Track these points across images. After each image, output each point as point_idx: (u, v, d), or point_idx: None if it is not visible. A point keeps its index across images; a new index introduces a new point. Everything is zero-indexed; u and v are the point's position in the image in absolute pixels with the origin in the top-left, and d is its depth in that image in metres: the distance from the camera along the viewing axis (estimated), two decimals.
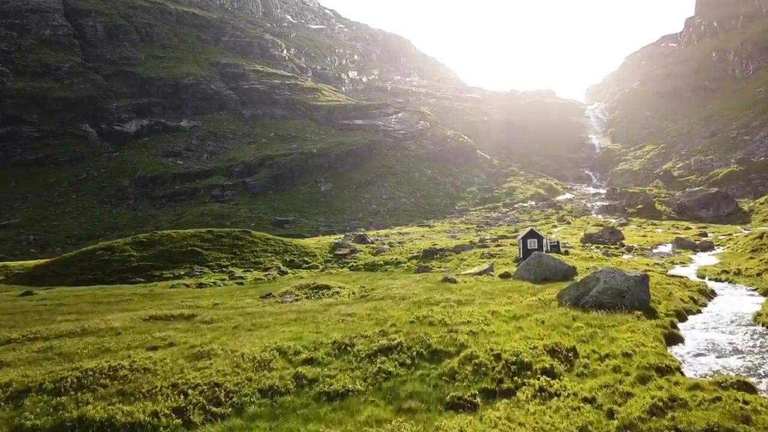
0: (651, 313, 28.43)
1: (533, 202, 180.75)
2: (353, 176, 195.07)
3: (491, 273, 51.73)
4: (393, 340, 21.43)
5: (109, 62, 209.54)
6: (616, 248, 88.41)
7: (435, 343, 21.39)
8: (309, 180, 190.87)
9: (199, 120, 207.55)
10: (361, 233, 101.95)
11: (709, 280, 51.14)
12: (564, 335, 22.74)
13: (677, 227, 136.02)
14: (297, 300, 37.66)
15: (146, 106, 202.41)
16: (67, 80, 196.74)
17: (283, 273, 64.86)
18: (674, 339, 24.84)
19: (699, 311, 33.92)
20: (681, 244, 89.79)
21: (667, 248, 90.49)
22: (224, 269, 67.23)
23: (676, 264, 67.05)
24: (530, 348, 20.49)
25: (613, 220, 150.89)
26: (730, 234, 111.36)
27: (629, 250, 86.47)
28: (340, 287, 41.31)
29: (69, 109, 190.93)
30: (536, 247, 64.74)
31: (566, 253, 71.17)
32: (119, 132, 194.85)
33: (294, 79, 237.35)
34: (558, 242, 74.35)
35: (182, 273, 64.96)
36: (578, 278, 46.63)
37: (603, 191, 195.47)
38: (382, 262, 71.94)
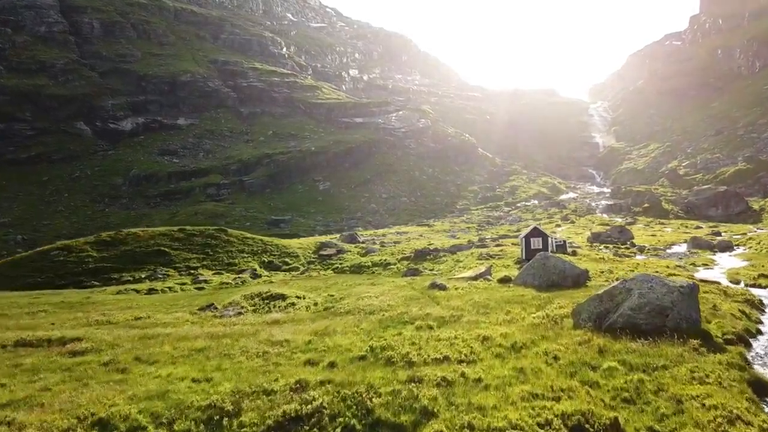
0: (706, 339, 19.62)
1: (536, 201, 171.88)
2: (352, 175, 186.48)
3: (488, 277, 42.93)
4: (310, 402, 12.94)
5: (105, 59, 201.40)
6: (627, 248, 79.56)
7: (379, 408, 12.79)
8: (307, 179, 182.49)
9: (196, 118, 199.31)
10: (351, 232, 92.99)
11: (746, 285, 42.17)
12: (593, 388, 14.08)
13: (686, 226, 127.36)
14: (240, 314, 29.24)
15: (142, 104, 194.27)
16: (62, 77, 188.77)
17: (256, 276, 56.24)
18: (763, 388, 15.83)
19: (758, 331, 25.00)
20: (697, 244, 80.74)
21: (682, 248, 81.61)
22: (192, 271, 58.77)
23: (699, 266, 58.08)
24: (539, 424, 11.78)
25: (619, 219, 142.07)
26: (744, 233, 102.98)
27: (641, 250, 77.49)
28: (298, 297, 32.79)
29: (63, 107, 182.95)
30: (540, 247, 56.04)
31: (573, 253, 62.40)
32: (114, 130, 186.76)
33: (293, 77, 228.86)
34: (564, 241, 65.61)
35: (143, 276, 56.56)
36: (592, 284, 37.84)
37: (607, 190, 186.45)
38: (369, 264, 63.38)
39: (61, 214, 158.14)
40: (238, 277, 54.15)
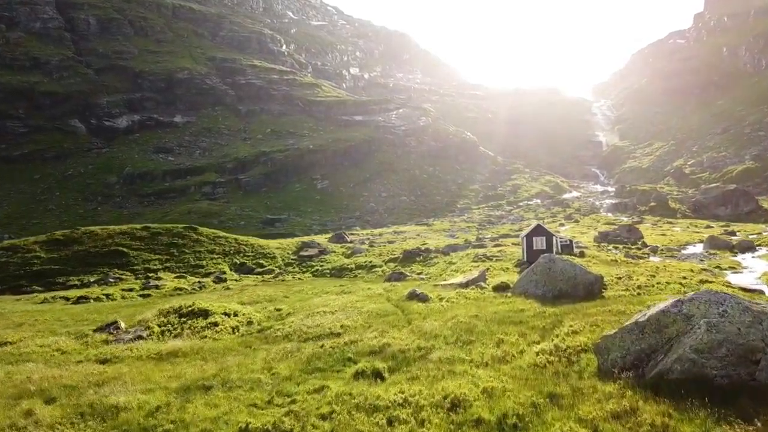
0: None
1: (539, 200, 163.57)
2: (351, 173, 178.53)
3: (482, 284, 34.76)
4: None
5: (101, 56, 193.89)
6: (638, 249, 71.40)
7: None
8: (305, 177, 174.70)
9: (193, 116, 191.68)
10: (340, 232, 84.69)
11: None
12: None
13: (696, 226, 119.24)
14: (140, 338, 21.53)
15: (138, 101, 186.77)
16: (57, 74, 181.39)
17: (220, 280, 48.23)
18: None
19: None
20: (715, 244, 72.40)
21: (697, 249, 73.37)
22: (150, 275, 50.87)
23: (725, 269, 49.88)
24: None
25: (625, 219, 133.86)
26: (759, 233, 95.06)
27: (654, 251, 69.21)
28: (227, 314, 24.87)
29: (58, 104, 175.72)
30: (543, 248, 47.98)
31: (581, 254, 54.19)
32: (109, 127, 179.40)
33: (292, 74, 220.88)
34: (571, 241, 57.50)
35: (93, 280, 48.72)
36: (609, 294, 29.62)
37: (611, 189, 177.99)
38: (353, 266, 55.47)
39: (52, 213, 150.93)
40: (199, 282, 46.15)
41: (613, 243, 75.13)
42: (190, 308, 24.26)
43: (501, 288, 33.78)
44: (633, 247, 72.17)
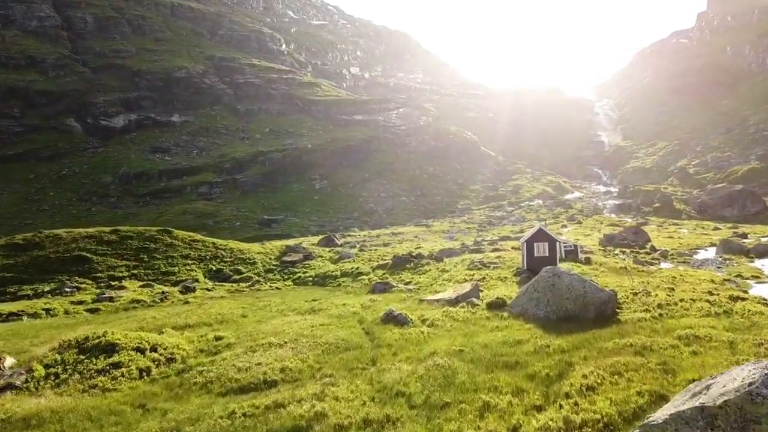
0: None
1: (540, 201, 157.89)
2: (350, 173, 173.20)
3: (474, 300, 29.26)
4: None
5: (98, 55, 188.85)
6: (647, 253, 65.89)
7: None
8: (303, 177, 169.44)
9: (191, 115, 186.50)
10: (329, 235, 79.17)
11: None
12: None
13: (703, 227, 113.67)
14: (11, 388, 16.07)
15: (135, 100, 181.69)
16: (53, 73, 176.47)
17: (187, 290, 42.81)
18: None
19: None
20: (729, 248, 66.80)
21: (709, 253, 67.83)
22: (113, 283, 45.61)
23: (747, 278, 44.37)
24: None
25: (629, 220, 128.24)
26: None
27: (664, 255, 63.64)
28: (140, 350, 19.30)
29: (53, 103, 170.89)
30: (546, 254, 42.46)
31: (587, 261, 48.73)
32: (105, 127, 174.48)
33: (292, 73, 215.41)
34: (576, 246, 52.07)
35: (47, 289, 43.49)
36: (626, 317, 24.37)
37: (614, 189, 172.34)
38: (338, 273, 50.12)
39: (45, 213, 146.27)
40: (162, 293, 40.70)
41: (620, 247, 69.56)
42: (97, 341, 18.88)
43: (496, 305, 28.35)
44: (641, 251, 66.65)
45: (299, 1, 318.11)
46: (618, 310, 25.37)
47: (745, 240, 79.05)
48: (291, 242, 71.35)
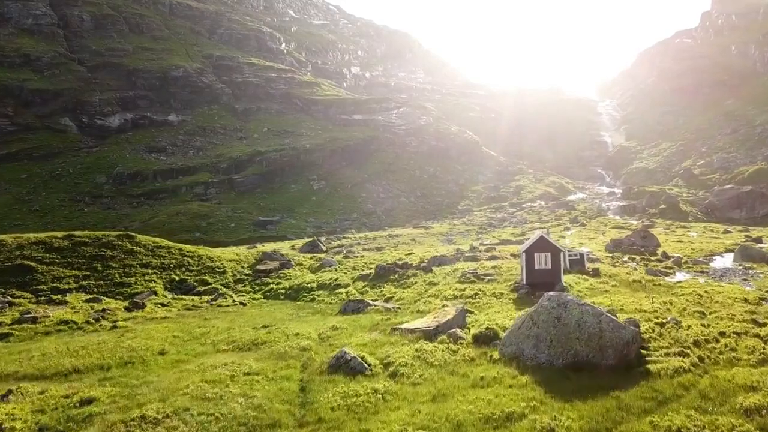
0: None
1: (543, 202, 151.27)
2: (349, 174, 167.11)
3: (458, 331, 22.97)
4: None
5: (95, 53, 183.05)
6: (659, 261, 59.41)
7: None
8: (301, 178, 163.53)
9: (188, 114, 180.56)
10: (314, 239, 72.63)
11: None
12: None
13: (712, 230, 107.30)
14: None
15: (132, 100, 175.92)
16: (48, 71, 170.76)
17: (136, 306, 36.51)
18: None
19: None
20: (747, 255, 60.46)
21: (726, 260, 61.40)
22: (56, 296, 39.24)
23: None
24: None
25: (635, 222, 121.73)
26: None
27: (678, 264, 57.08)
28: None
29: (48, 102, 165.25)
30: (548, 266, 36.03)
31: (595, 273, 42.38)
32: (101, 126, 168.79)
33: (291, 72, 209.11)
34: (582, 254, 45.65)
35: None
36: (656, 366, 18.06)
37: (618, 190, 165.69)
38: (314, 285, 43.96)
39: (36, 214, 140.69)
40: (102, 312, 34.30)
41: (629, 253, 63.12)
42: None
43: (485, 339, 22.07)
44: (652, 258, 60.17)
45: (300, 1, 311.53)
46: (643, 352, 18.94)
47: (762, 245, 72.61)
48: (270, 248, 65.01)
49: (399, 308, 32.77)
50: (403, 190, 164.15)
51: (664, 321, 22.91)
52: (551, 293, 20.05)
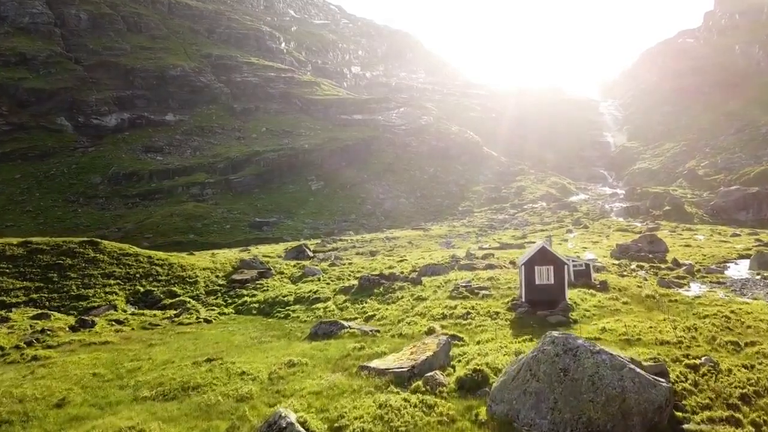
0: None
1: (544, 203, 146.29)
2: (348, 174, 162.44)
3: (439, 375, 18.00)
4: None
5: (92, 52, 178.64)
6: (669, 269, 54.49)
7: None
8: (299, 178, 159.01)
9: (186, 114, 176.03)
10: (300, 245, 67.74)
11: None
12: None
13: (720, 233, 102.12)
14: None
15: (129, 99, 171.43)
16: (44, 70, 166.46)
17: (83, 326, 31.66)
18: None
19: None
20: (765, 263, 55.58)
21: (741, 268, 56.47)
22: (0, 312, 34.32)
23: None
24: None
25: (639, 224, 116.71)
26: None
27: (690, 273, 52.02)
28: None
29: (43, 101, 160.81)
30: (550, 281, 31.12)
31: (603, 287, 37.32)
32: (97, 126, 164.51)
33: (291, 72, 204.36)
34: (588, 264, 40.71)
35: None
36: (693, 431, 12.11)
37: (621, 191, 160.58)
38: (291, 299, 39.24)
39: (29, 215, 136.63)
40: (41, 332, 29.43)
41: (636, 260, 58.13)
42: None
43: (472, 385, 17.39)
44: (662, 266, 55.22)
45: (301, 0, 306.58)
46: (678, 414, 14.07)
47: None
48: (263, 250, 60.40)
49: (378, 331, 27.96)
50: (403, 191, 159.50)
51: (697, 362, 18.01)
52: (555, 334, 15.13)
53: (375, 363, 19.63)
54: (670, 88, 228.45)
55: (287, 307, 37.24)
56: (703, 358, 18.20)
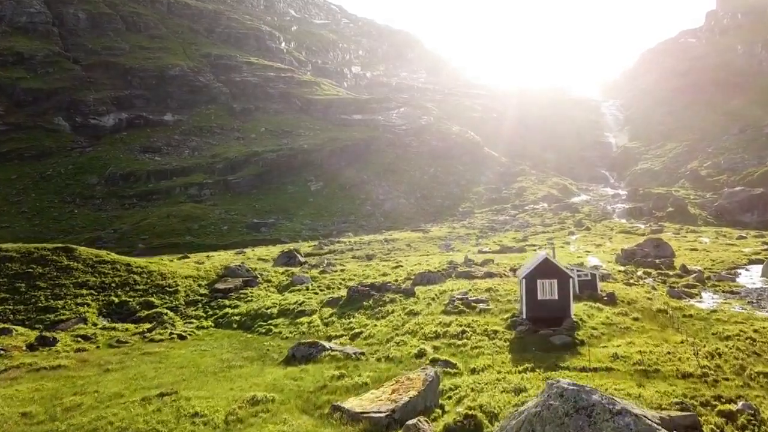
0: None
1: (545, 204, 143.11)
2: (348, 174, 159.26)
3: (422, 422, 14.70)
4: None
5: (90, 52, 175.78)
6: (678, 277, 51.38)
7: None
8: (298, 179, 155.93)
9: (185, 114, 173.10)
10: (290, 250, 64.47)
11: None
12: None
13: (725, 235, 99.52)
14: None
15: (127, 99, 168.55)
16: (41, 70, 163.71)
17: (43, 344, 28.64)
18: None
19: None
20: None
21: (753, 274, 53.65)
22: None
23: None
24: None
25: (642, 225, 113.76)
26: None
27: (701, 281, 48.90)
28: None
29: (40, 101, 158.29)
30: (553, 296, 28.05)
31: (611, 300, 34.13)
32: (95, 126, 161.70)
33: (290, 72, 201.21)
34: (595, 275, 37.58)
35: None
36: None
37: (623, 192, 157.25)
38: (275, 312, 36.33)
39: (24, 216, 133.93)
40: None
41: (643, 266, 54.97)
42: None
43: None
44: (670, 273, 52.09)
45: (301, 0, 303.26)
46: None
47: None
48: (240, 259, 57.04)
49: (362, 354, 24.92)
50: (403, 192, 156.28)
51: (732, 408, 14.91)
52: (564, 384, 12.03)
53: (350, 403, 16.58)
54: (672, 88, 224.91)
55: (270, 321, 34.27)
56: (740, 404, 15.09)
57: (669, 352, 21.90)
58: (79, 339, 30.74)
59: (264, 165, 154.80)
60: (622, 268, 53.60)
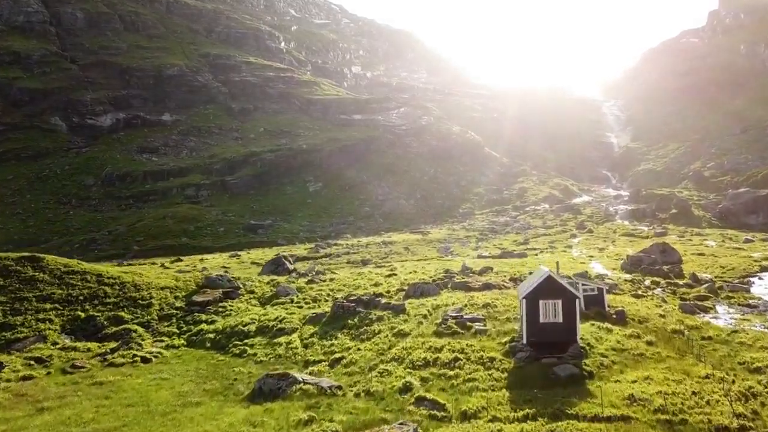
0: None
1: (547, 205, 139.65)
2: (347, 175, 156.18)
3: None
4: None
5: (88, 52, 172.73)
6: (689, 286, 48.06)
7: None
8: (297, 179, 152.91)
9: (183, 114, 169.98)
10: (279, 257, 60.99)
11: None
12: None
13: (731, 238, 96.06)
14: None
15: (125, 99, 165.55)
16: (38, 70, 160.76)
17: None
18: None
19: None
20: None
21: (767, 282, 49.71)
22: None
23: None
24: None
25: (645, 228, 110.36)
26: None
27: (712, 291, 45.48)
28: None
29: (37, 101, 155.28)
30: (558, 319, 24.90)
31: (620, 319, 30.56)
32: (92, 126, 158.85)
33: (290, 72, 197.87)
34: (602, 289, 34.11)
35: None
36: None
37: (625, 193, 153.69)
38: (252, 329, 33.17)
39: (18, 217, 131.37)
40: None
41: (650, 274, 51.46)
42: None
43: None
44: (680, 282, 48.61)
45: (301, 0, 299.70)
46: None
47: None
48: (233, 262, 53.68)
49: (339, 388, 21.58)
50: (403, 192, 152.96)
51: None
52: None
53: None
54: (674, 88, 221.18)
55: (245, 341, 30.98)
56: None
57: (694, 392, 18.53)
58: (32, 362, 27.52)
59: (262, 165, 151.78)
60: (628, 277, 50.12)
